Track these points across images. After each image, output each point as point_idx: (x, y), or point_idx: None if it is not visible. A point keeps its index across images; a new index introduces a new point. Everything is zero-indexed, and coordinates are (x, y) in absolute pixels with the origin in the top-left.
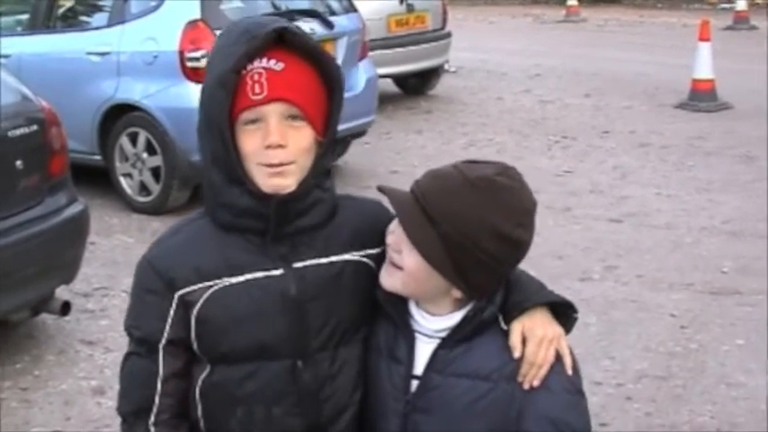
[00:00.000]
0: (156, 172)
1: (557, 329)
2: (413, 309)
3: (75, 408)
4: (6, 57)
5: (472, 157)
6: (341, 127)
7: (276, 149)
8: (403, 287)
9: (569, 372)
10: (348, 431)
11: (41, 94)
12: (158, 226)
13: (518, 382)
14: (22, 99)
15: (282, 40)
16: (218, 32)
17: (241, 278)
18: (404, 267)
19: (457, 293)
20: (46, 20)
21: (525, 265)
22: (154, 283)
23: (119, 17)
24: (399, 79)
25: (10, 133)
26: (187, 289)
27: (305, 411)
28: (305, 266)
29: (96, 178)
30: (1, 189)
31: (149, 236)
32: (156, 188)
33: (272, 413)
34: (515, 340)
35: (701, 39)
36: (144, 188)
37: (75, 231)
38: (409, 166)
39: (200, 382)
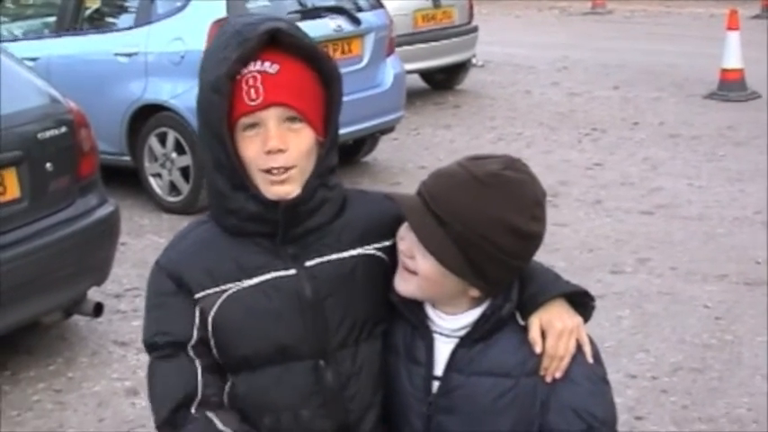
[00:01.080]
0: (185, 171)
1: (575, 320)
2: (429, 309)
3: (109, 409)
4: (35, 59)
5: (502, 152)
6: (370, 124)
7: (276, 154)
8: (420, 292)
9: (590, 360)
10: (376, 431)
11: (70, 96)
12: None
13: (540, 375)
14: (51, 101)
15: (276, 40)
16: None
17: (254, 281)
18: (419, 272)
19: (474, 292)
20: (73, 22)
21: (556, 258)
22: (171, 286)
23: (145, 18)
24: (427, 75)
25: (39, 135)
26: (201, 293)
27: (332, 412)
28: (316, 264)
29: (126, 179)
30: (31, 191)
31: None
32: (185, 188)
33: (300, 416)
34: (535, 335)
35: (730, 28)
36: (174, 188)
37: (107, 232)
38: (438, 162)
39: (224, 397)
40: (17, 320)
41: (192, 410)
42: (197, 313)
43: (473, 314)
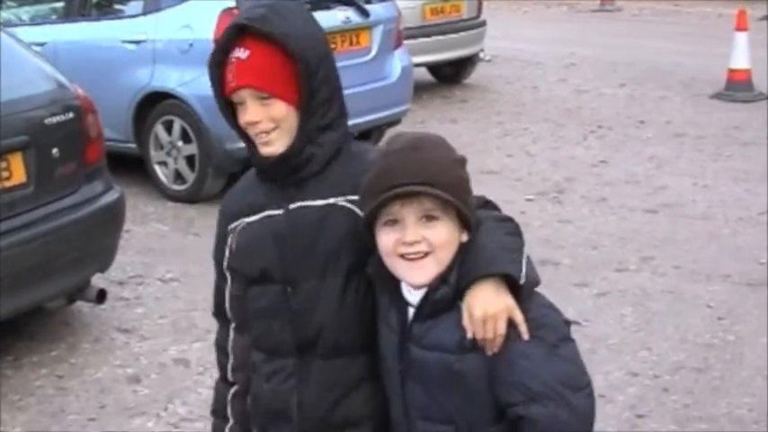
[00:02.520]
0: (190, 160)
1: (500, 304)
2: (402, 285)
3: (111, 395)
4: (42, 44)
5: (508, 147)
6: (377, 116)
7: (254, 125)
8: (439, 265)
9: (526, 337)
10: (332, 350)
11: (77, 83)
12: (193, 214)
13: (482, 351)
14: (59, 87)
15: (251, 29)
16: None
17: (255, 217)
18: (438, 244)
19: (464, 236)
20: (81, 8)
21: (561, 255)
22: (220, 219)
23: (154, 5)
24: (434, 68)
25: (47, 121)
26: (231, 225)
27: (295, 328)
28: (297, 208)
29: (132, 166)
30: (37, 177)
31: (184, 224)
32: (191, 176)
33: (272, 327)
34: (465, 321)
35: (738, 28)
36: (179, 176)
37: (111, 219)
38: None
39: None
40: (21, 306)
41: (220, 320)
42: (228, 241)
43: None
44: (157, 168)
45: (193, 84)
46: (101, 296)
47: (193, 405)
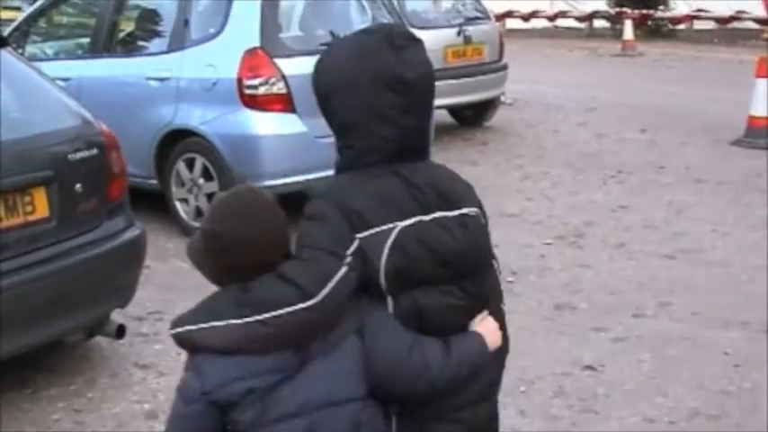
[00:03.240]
0: (211, 198)
1: None
2: None
3: (128, 431)
4: (67, 80)
5: (528, 190)
6: None
7: None
8: None
9: None
10: None
11: (101, 118)
12: None
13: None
14: (83, 122)
15: None
16: (276, 60)
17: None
18: None
19: None
20: (106, 44)
21: (579, 299)
22: None
23: (179, 43)
24: (455, 110)
25: (70, 156)
26: None
27: None
28: None
29: (153, 203)
30: (60, 211)
31: None
32: None
33: None
34: None
35: (759, 75)
36: (200, 213)
37: (132, 255)
38: None
39: None
40: (41, 339)
41: None
42: None
43: None
44: (178, 205)
45: (216, 122)
46: (120, 331)
47: None
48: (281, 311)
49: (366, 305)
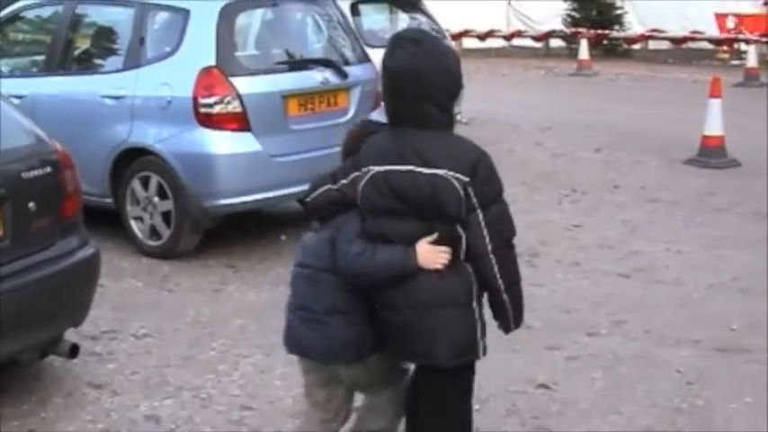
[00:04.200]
0: (166, 216)
1: None
2: None
3: None
4: (21, 97)
5: None
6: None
7: None
8: None
9: None
10: None
11: (55, 136)
12: (168, 270)
13: None
14: (37, 141)
15: None
16: (232, 79)
17: None
18: None
19: None
20: (62, 61)
21: (533, 318)
22: None
23: (134, 61)
24: None
25: (23, 175)
26: None
27: None
28: None
29: (107, 221)
30: (13, 230)
31: (159, 280)
32: (166, 232)
33: None
34: None
35: (712, 95)
36: (154, 232)
37: (86, 274)
38: None
39: None
40: None
41: None
42: None
43: None
44: (133, 224)
45: (171, 140)
46: (73, 351)
47: None
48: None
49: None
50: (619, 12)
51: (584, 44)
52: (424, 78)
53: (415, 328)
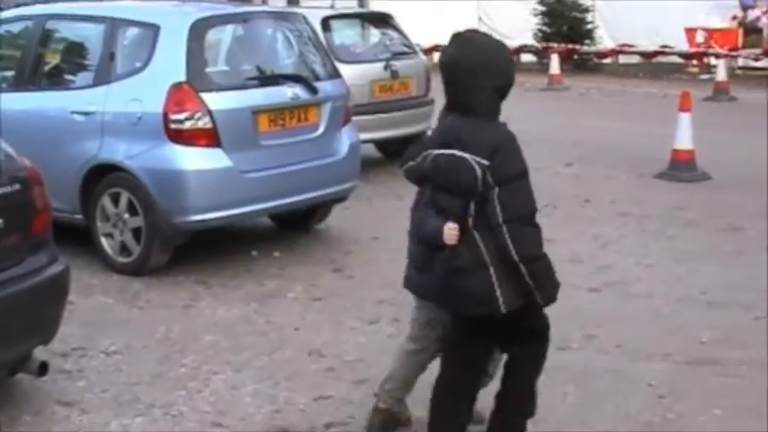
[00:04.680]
0: (137, 233)
1: None
2: None
3: None
4: None
5: None
6: (323, 192)
7: None
8: None
9: None
10: None
11: (24, 152)
12: (138, 287)
13: None
14: (5, 157)
15: None
16: (202, 95)
17: None
18: None
19: None
20: (31, 77)
21: None
22: None
23: (104, 77)
24: (382, 145)
25: None
26: None
27: None
28: None
29: (77, 238)
30: None
31: (129, 296)
32: (136, 249)
33: None
34: None
35: (682, 109)
36: (125, 249)
37: (56, 291)
38: (390, 232)
39: None
40: None
41: None
42: None
43: None
44: (103, 240)
45: (141, 157)
46: (42, 369)
47: None
48: None
49: None
50: (589, 26)
51: (554, 59)
52: (466, 71)
53: (445, 285)
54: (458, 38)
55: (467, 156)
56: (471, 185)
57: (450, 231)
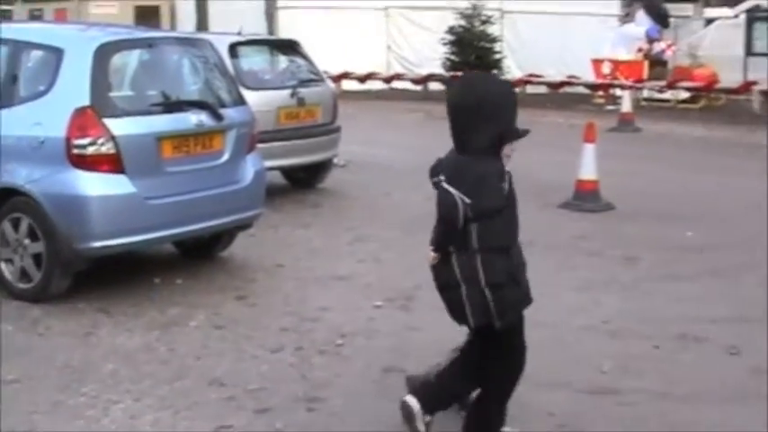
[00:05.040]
0: (37, 258)
1: None
2: None
3: None
4: None
5: (359, 253)
6: (228, 219)
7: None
8: None
9: None
10: None
11: None
12: (38, 313)
13: None
14: None
15: None
16: (106, 120)
17: None
18: None
19: None
20: None
21: (409, 362)
22: None
23: (6, 100)
24: (288, 172)
25: None
26: None
27: None
28: None
29: None
30: None
31: (29, 323)
32: (37, 275)
33: None
34: None
35: (587, 140)
36: (25, 274)
37: None
38: (295, 260)
39: None
40: None
41: None
42: None
43: None
44: (3, 266)
45: (43, 181)
46: None
47: None
48: None
49: None
50: (497, 56)
51: None
52: (464, 112)
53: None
54: (461, 80)
55: (454, 192)
56: (454, 221)
57: (431, 254)
